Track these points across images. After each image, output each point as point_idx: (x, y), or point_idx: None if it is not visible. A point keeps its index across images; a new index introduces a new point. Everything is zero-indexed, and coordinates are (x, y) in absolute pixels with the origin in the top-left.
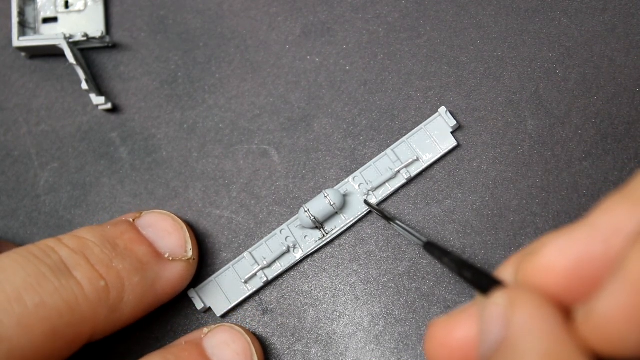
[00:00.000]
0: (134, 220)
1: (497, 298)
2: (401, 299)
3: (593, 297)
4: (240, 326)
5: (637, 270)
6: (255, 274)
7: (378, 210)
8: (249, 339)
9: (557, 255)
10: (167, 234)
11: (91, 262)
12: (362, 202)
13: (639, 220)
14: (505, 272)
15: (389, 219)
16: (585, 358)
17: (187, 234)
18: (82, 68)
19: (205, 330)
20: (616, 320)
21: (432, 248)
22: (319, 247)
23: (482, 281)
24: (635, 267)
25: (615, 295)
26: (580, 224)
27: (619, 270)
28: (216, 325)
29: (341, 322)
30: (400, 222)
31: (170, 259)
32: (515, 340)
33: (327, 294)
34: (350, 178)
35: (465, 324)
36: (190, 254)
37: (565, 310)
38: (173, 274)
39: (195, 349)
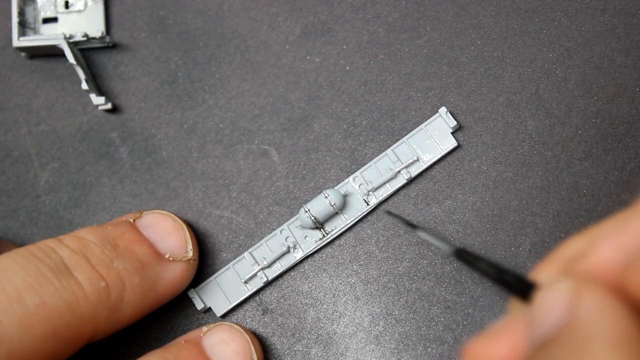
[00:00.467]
0: (134, 220)
1: (560, 284)
2: (401, 299)
3: None
4: (239, 325)
5: None
6: (255, 274)
7: (402, 219)
8: (248, 337)
9: (611, 252)
10: (167, 234)
11: (92, 263)
12: (362, 202)
13: None
14: (539, 276)
15: (412, 226)
16: None
17: (188, 234)
18: (82, 68)
19: (205, 329)
20: None
21: (464, 254)
22: (319, 247)
23: (522, 286)
24: None
25: None
26: (628, 216)
27: None
28: (215, 324)
29: (341, 322)
30: (425, 229)
31: (171, 259)
32: (583, 324)
33: (327, 294)
34: (350, 178)
35: (507, 338)
36: (190, 254)
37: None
38: (173, 275)
39: (194, 347)
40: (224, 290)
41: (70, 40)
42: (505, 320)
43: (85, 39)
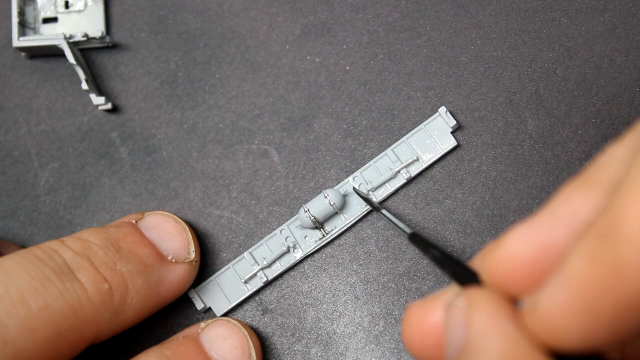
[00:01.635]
0: (136, 221)
1: (458, 301)
2: (401, 299)
3: (537, 290)
4: (237, 320)
5: (579, 267)
6: (255, 274)
7: (366, 198)
8: (246, 332)
9: (519, 246)
10: (169, 236)
11: (95, 265)
12: (362, 201)
13: (594, 205)
14: (478, 265)
15: (375, 207)
16: (541, 356)
17: (190, 236)
18: (82, 68)
19: (202, 324)
20: (556, 315)
21: (417, 239)
22: (319, 247)
23: (463, 275)
24: (577, 264)
25: (556, 292)
26: (541, 212)
27: (562, 266)
28: (213, 320)
29: (341, 322)
30: (388, 211)
31: (173, 261)
32: (475, 344)
33: (327, 294)
34: (350, 178)
35: (439, 309)
36: (193, 255)
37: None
38: (176, 276)
39: (192, 343)
40: (224, 290)
41: (70, 40)
42: (444, 290)
43: (85, 39)
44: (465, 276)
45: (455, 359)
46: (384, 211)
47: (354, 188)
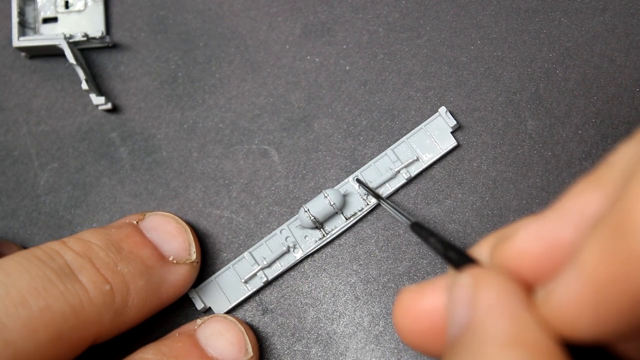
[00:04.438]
0: (137, 222)
1: (463, 279)
2: None
3: (551, 281)
4: (234, 316)
5: (591, 260)
6: (255, 274)
7: (368, 188)
8: (242, 328)
9: (529, 241)
10: (171, 236)
11: (96, 266)
12: (362, 201)
13: (602, 202)
14: (481, 251)
15: (378, 196)
16: (549, 340)
17: (191, 237)
18: (82, 68)
19: (199, 321)
20: (569, 306)
21: (419, 228)
22: (319, 247)
23: (465, 263)
24: (589, 257)
25: (570, 283)
26: (551, 208)
27: (575, 258)
28: (209, 316)
29: (341, 322)
30: (390, 201)
31: (175, 262)
32: (480, 322)
33: (327, 294)
34: (350, 178)
35: (433, 294)
36: (194, 256)
37: (531, 290)
38: (177, 277)
39: (188, 339)
40: (224, 290)
41: (70, 40)
42: (440, 276)
43: (85, 39)
44: (467, 264)
45: (457, 339)
46: (386, 201)
47: (357, 179)
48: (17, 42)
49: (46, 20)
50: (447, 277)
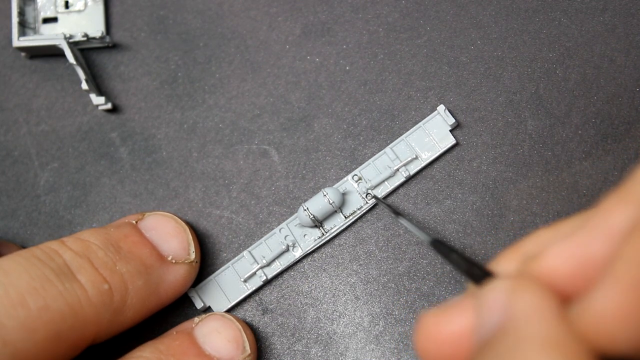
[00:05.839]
0: (136, 222)
1: (499, 284)
2: (401, 299)
3: (587, 294)
4: (231, 314)
5: (627, 272)
6: (254, 273)
7: (386, 205)
8: (239, 326)
9: (561, 260)
10: (170, 236)
11: (95, 266)
12: (362, 200)
13: (631, 217)
14: (500, 267)
15: (397, 213)
16: (584, 348)
17: (190, 237)
18: (82, 68)
19: (196, 319)
20: (608, 317)
21: (439, 245)
22: (318, 245)
23: (487, 279)
24: (624, 269)
25: (607, 294)
26: (580, 227)
27: (611, 268)
28: (207, 315)
29: (341, 322)
30: (407, 218)
31: (174, 261)
32: (517, 325)
33: (327, 294)
34: (349, 177)
35: (457, 316)
36: (193, 256)
37: (564, 303)
38: (176, 277)
39: (186, 338)
40: (224, 289)
41: (70, 40)
42: (462, 298)
43: (85, 39)
44: (489, 280)
45: (487, 342)
46: (404, 218)
47: (374, 196)
48: (17, 42)
49: (46, 20)
50: (470, 296)
